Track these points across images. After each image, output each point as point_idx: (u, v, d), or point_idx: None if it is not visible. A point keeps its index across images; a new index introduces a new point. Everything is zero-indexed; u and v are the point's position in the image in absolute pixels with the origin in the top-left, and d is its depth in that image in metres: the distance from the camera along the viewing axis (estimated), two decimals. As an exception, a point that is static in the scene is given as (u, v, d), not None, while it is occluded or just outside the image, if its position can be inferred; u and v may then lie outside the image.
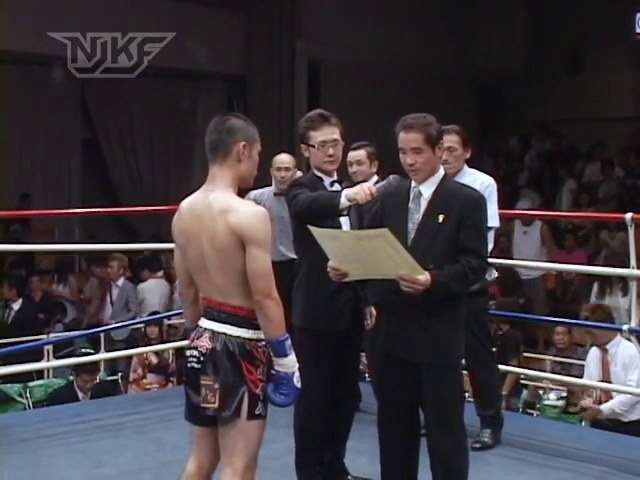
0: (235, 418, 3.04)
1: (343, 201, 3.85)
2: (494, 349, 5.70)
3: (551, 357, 8.06)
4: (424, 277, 3.39)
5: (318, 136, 4.00)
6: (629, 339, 6.31)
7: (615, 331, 6.10)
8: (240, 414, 3.04)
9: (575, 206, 11.91)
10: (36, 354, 7.99)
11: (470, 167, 4.87)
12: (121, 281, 9.51)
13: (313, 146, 4.03)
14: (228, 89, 13.05)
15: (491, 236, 4.84)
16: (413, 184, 3.62)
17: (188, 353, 3.16)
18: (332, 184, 4.07)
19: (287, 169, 5.89)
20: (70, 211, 9.61)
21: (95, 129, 12.26)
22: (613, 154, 13.09)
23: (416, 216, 3.58)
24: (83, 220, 11.65)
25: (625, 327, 5.25)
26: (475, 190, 3.76)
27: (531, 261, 9.46)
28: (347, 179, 4.17)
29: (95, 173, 12.42)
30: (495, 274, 4.88)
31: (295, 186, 4.12)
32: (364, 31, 12.92)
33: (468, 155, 4.82)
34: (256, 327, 3.09)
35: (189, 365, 3.14)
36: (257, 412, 3.07)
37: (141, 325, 8.39)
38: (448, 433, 3.58)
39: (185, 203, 3.22)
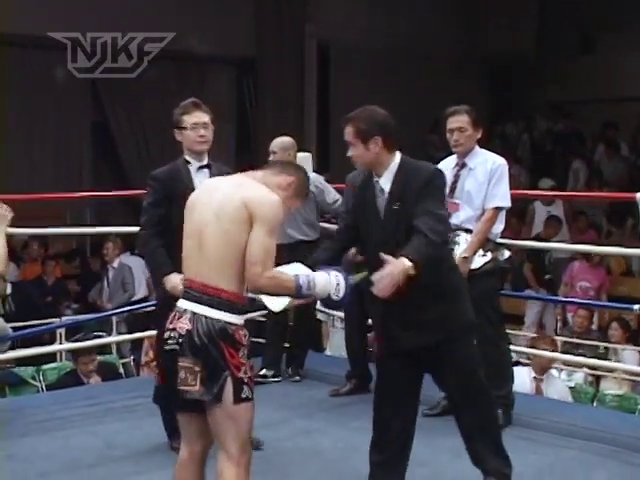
0: (217, 402, 2.98)
1: (168, 286, 4.04)
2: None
3: (566, 338, 8.05)
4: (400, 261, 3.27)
5: (191, 118, 4.28)
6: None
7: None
8: (222, 399, 2.97)
9: (586, 188, 11.84)
10: (47, 337, 8.03)
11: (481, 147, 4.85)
12: (117, 262, 9.54)
13: (185, 128, 4.28)
14: (238, 71, 13.00)
15: (502, 216, 4.83)
16: (375, 178, 3.58)
17: (166, 335, 3.06)
18: (199, 169, 4.29)
19: (273, 152, 5.77)
20: (80, 194, 9.56)
21: (105, 112, 12.24)
22: (624, 135, 13.01)
23: (382, 212, 3.55)
24: (94, 203, 11.65)
25: (636, 307, 5.22)
26: (428, 165, 3.62)
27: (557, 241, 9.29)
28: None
29: (105, 156, 12.42)
30: (507, 254, 4.85)
31: (151, 180, 4.48)
32: (374, 13, 12.85)
33: (479, 135, 4.77)
34: (240, 312, 3.03)
35: (167, 347, 3.04)
36: (243, 395, 3.00)
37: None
38: (472, 401, 3.63)
39: (207, 180, 3.34)
